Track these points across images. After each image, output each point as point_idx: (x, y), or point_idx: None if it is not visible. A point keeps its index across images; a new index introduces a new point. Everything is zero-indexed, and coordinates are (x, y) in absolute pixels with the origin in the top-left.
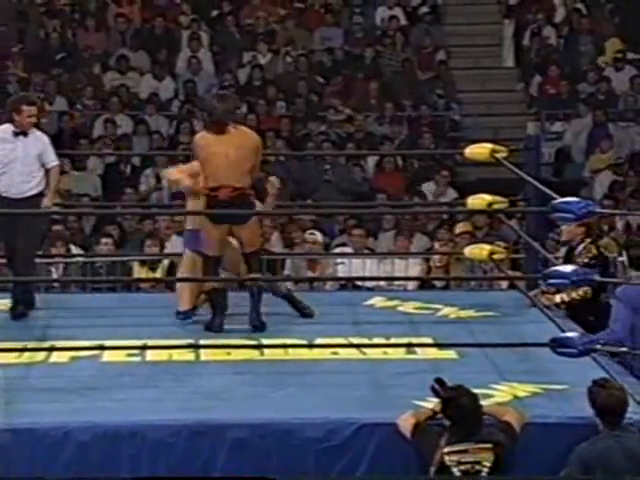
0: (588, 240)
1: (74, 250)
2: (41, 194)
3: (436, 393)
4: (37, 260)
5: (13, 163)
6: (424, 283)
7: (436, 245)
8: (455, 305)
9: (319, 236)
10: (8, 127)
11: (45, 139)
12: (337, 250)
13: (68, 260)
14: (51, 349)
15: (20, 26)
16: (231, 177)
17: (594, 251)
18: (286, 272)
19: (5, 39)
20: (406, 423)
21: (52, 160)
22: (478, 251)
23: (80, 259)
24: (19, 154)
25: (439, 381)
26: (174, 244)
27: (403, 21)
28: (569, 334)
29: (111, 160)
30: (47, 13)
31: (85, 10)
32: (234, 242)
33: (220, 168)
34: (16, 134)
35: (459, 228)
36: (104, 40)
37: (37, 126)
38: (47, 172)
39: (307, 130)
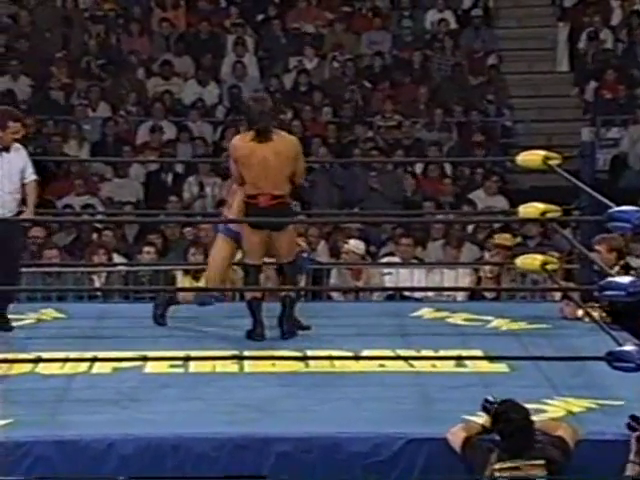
0: (621, 263)
1: (116, 259)
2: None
3: (487, 411)
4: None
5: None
6: (474, 294)
7: (486, 255)
8: (506, 317)
9: (352, 244)
10: None
11: (24, 152)
12: (385, 260)
13: (110, 269)
14: (93, 360)
15: (64, 32)
16: (270, 185)
17: (622, 271)
18: (332, 281)
19: (49, 45)
20: (456, 437)
21: (31, 174)
22: (530, 261)
23: (123, 268)
24: (5, 171)
25: (489, 401)
26: None
27: (453, 24)
28: (626, 347)
29: (153, 167)
30: (91, 18)
31: (129, 15)
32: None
33: (259, 176)
34: None
35: (497, 239)
36: (148, 45)
37: (18, 140)
38: (23, 186)
39: (354, 136)
